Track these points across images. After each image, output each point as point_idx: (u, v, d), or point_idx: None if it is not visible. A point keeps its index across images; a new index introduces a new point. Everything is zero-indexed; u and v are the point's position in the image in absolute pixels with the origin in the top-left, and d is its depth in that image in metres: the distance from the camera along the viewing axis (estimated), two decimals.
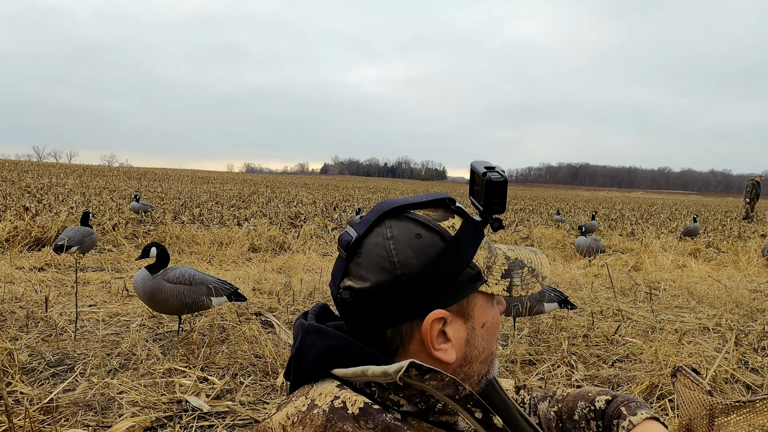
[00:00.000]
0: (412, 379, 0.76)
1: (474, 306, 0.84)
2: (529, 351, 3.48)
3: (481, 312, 0.86)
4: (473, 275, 0.83)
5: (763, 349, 3.65)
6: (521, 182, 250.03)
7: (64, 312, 3.91)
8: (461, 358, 0.84)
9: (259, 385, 2.84)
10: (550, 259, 8.15)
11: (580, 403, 1.08)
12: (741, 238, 11.96)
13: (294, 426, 0.75)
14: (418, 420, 0.79)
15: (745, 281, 6.33)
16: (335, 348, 0.82)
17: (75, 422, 2.31)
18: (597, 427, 1.03)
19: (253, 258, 7.04)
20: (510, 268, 0.89)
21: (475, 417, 0.78)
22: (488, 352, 0.90)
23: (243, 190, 24.09)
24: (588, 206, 26.06)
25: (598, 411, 1.05)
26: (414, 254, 0.80)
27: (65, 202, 11.60)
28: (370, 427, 0.73)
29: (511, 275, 0.88)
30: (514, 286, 0.87)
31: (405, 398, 0.78)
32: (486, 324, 0.87)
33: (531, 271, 0.89)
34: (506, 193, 0.89)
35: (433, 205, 0.87)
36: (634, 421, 0.98)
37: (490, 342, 0.90)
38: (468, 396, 0.78)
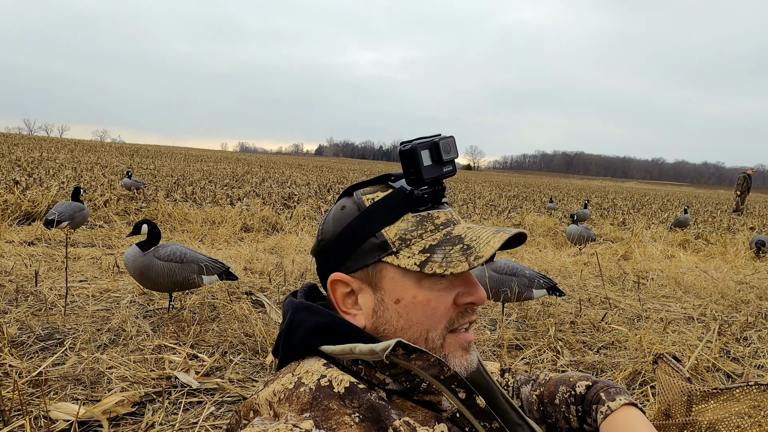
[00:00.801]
0: (398, 358, 0.77)
1: (383, 277, 0.85)
2: (516, 336, 3.53)
3: (393, 285, 0.84)
4: (377, 245, 0.84)
5: (746, 339, 3.72)
6: (516, 169, 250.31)
7: (54, 287, 3.90)
8: (371, 328, 0.86)
9: (249, 364, 2.86)
10: (540, 246, 8.21)
11: (562, 387, 1.09)
12: (730, 231, 12.09)
13: (280, 403, 0.76)
14: (402, 399, 0.80)
15: (732, 273, 6.42)
16: (325, 325, 0.83)
17: (64, 396, 2.32)
18: (576, 411, 1.05)
19: (245, 238, 7.04)
20: (438, 244, 0.83)
21: (459, 397, 0.80)
22: (414, 333, 0.84)
23: (237, 169, 23.95)
24: (581, 195, 26.17)
25: (578, 396, 1.06)
26: (333, 223, 0.88)
27: (56, 177, 11.49)
28: (355, 406, 0.74)
29: (434, 251, 0.82)
30: (430, 263, 0.81)
31: (391, 377, 0.79)
32: (402, 300, 0.83)
33: (465, 249, 0.81)
34: (418, 162, 0.84)
35: (374, 182, 0.91)
36: (613, 406, 0.99)
37: (411, 321, 0.84)
38: (452, 376, 0.79)
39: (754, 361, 3.27)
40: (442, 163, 0.87)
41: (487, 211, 12.82)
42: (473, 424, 0.80)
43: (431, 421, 0.78)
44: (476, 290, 0.86)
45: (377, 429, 0.73)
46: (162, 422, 2.19)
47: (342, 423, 0.72)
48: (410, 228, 0.85)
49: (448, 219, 0.87)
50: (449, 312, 0.84)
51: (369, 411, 0.74)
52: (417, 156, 0.85)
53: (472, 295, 0.85)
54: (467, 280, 0.86)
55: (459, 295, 0.85)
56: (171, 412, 2.29)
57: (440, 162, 0.87)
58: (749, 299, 4.95)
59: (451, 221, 0.88)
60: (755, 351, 3.46)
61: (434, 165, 0.86)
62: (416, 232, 0.84)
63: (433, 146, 0.87)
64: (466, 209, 12.84)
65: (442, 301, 0.84)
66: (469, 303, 0.85)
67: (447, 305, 0.84)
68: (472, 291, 0.85)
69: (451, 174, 0.90)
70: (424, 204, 0.86)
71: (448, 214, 0.89)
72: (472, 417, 0.80)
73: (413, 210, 0.86)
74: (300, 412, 0.74)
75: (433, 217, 0.86)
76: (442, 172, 0.87)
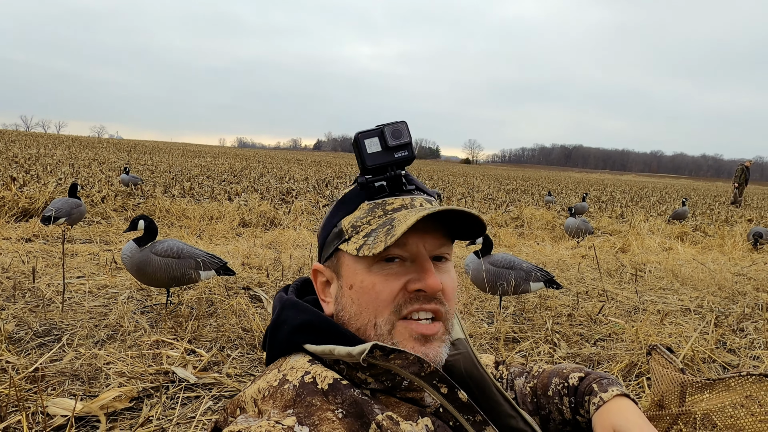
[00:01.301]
0: (376, 359, 0.77)
1: (341, 265, 0.88)
2: (513, 329, 3.54)
3: (347, 272, 0.86)
4: (336, 234, 0.88)
5: (742, 330, 3.74)
6: (514, 163, 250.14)
7: (51, 283, 3.90)
8: (334, 315, 0.89)
9: (246, 358, 2.87)
10: (538, 239, 8.22)
11: (555, 379, 1.10)
12: (728, 223, 12.11)
13: (264, 400, 0.77)
14: (386, 396, 0.80)
15: (729, 265, 6.44)
16: (309, 323, 0.84)
17: (62, 391, 2.33)
18: (570, 403, 1.05)
19: (243, 233, 7.03)
20: (378, 228, 0.84)
21: (441, 392, 0.80)
22: (364, 320, 0.84)
23: (235, 164, 23.90)
24: (580, 188, 26.17)
25: (571, 387, 1.06)
26: (324, 218, 0.94)
27: (53, 173, 11.46)
28: (338, 402, 0.74)
29: (371, 235, 0.83)
30: (364, 246, 0.82)
31: (372, 376, 0.80)
32: (354, 286, 0.85)
33: (389, 230, 0.81)
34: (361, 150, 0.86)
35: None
36: (605, 397, 0.99)
37: (361, 307, 0.84)
38: (433, 372, 0.79)
39: (750, 352, 3.29)
40: (391, 149, 0.87)
41: (486, 204, 12.83)
42: (457, 418, 0.80)
43: (415, 415, 0.78)
44: (426, 277, 0.83)
45: (360, 424, 0.73)
46: (160, 417, 2.20)
47: (325, 419, 0.72)
48: (362, 215, 0.86)
49: (401, 204, 0.86)
50: (397, 297, 0.83)
51: (352, 406, 0.74)
52: (359, 144, 0.86)
53: (421, 281, 0.83)
54: (420, 267, 0.84)
55: (410, 281, 0.84)
56: (169, 407, 2.30)
57: (388, 148, 0.87)
58: (746, 291, 4.96)
59: (405, 206, 0.86)
60: (751, 342, 3.48)
61: (382, 152, 0.86)
62: (365, 219, 0.85)
63: (379, 133, 0.87)
64: (464, 203, 12.84)
65: (388, 285, 0.83)
66: (418, 290, 0.84)
67: (393, 290, 0.83)
68: (422, 278, 0.83)
69: (405, 159, 0.88)
70: (382, 192, 0.87)
71: (407, 200, 0.87)
72: (455, 411, 0.80)
73: (369, 198, 0.87)
74: (283, 408, 0.74)
75: (386, 203, 0.86)
76: (392, 158, 0.87)
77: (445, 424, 0.79)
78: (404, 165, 0.89)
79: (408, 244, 0.84)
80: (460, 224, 0.88)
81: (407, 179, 0.90)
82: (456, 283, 0.91)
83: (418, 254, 0.84)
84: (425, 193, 0.93)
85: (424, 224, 0.84)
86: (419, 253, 0.84)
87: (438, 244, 0.87)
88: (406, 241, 0.83)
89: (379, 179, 0.87)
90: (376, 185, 0.87)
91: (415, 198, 0.89)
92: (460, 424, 0.80)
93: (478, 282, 3.85)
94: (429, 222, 0.85)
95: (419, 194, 0.91)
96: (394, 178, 0.88)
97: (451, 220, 0.87)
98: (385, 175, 0.87)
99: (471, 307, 4.04)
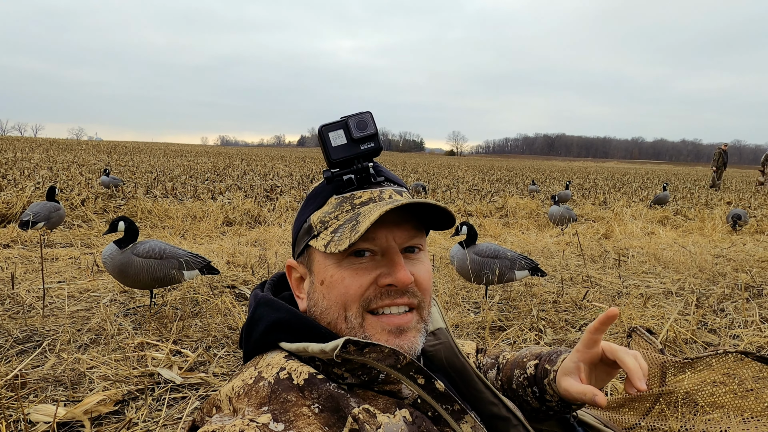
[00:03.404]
0: (351, 354, 0.76)
1: (312, 261, 0.87)
2: (499, 317, 3.56)
3: (318, 268, 0.85)
4: (305, 230, 0.88)
5: (722, 310, 3.81)
6: (498, 153, 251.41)
7: (31, 289, 3.83)
8: (307, 310, 0.89)
9: (233, 357, 2.85)
10: (523, 228, 8.29)
11: (516, 371, 1.10)
12: (708, 206, 12.32)
13: (239, 398, 0.76)
14: (363, 390, 0.80)
15: (709, 247, 6.55)
16: (283, 321, 0.83)
17: (45, 398, 2.29)
18: (533, 393, 1.05)
19: (227, 231, 6.97)
20: (345, 223, 0.83)
21: (418, 383, 0.80)
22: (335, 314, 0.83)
23: (218, 163, 23.66)
24: (563, 176, 26.41)
25: (530, 377, 1.06)
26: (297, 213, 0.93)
27: (31, 177, 11.23)
28: (314, 397, 0.74)
29: (338, 230, 0.82)
30: (332, 242, 0.81)
31: (348, 371, 0.79)
32: (324, 282, 0.84)
33: (354, 225, 0.80)
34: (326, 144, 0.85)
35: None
36: (556, 367, 1.01)
37: (331, 301, 0.83)
38: (409, 364, 0.79)
39: (730, 331, 3.35)
40: (356, 141, 0.86)
41: (471, 195, 12.88)
42: (435, 408, 0.80)
43: (392, 407, 0.77)
44: (396, 271, 0.82)
45: (337, 418, 0.73)
46: (146, 419, 2.17)
47: (300, 414, 0.72)
48: (330, 210, 0.85)
49: (370, 197, 0.85)
50: (366, 291, 0.82)
51: (328, 401, 0.74)
52: (323, 138, 0.85)
53: (391, 275, 0.82)
54: (391, 261, 0.83)
55: (381, 275, 0.83)
56: (155, 409, 2.27)
57: (354, 140, 0.85)
58: (726, 272, 5.06)
59: (373, 199, 0.85)
60: (731, 322, 3.55)
61: (347, 144, 0.85)
62: (333, 214, 0.84)
63: (344, 125, 0.86)
64: (449, 194, 12.88)
65: (357, 280, 0.82)
66: (389, 284, 0.83)
67: (362, 284, 0.82)
68: (392, 272, 0.82)
69: (372, 150, 0.87)
70: (350, 185, 0.86)
71: (374, 192, 0.86)
72: (432, 401, 0.80)
73: (337, 192, 0.86)
74: (258, 406, 0.73)
75: (354, 197, 0.85)
76: (358, 150, 0.86)
77: (424, 414, 0.79)
78: (371, 156, 0.87)
79: (377, 238, 0.82)
80: (430, 215, 0.87)
81: (376, 170, 0.89)
82: (431, 272, 0.90)
83: (388, 248, 0.83)
84: (396, 184, 0.91)
85: (394, 217, 0.83)
86: (389, 246, 0.83)
87: (408, 236, 0.86)
88: (375, 235, 0.82)
89: (346, 172, 0.86)
90: (344, 178, 0.85)
91: (384, 190, 0.87)
92: (438, 414, 0.80)
93: (463, 272, 3.87)
94: (398, 214, 0.83)
95: (389, 185, 0.89)
96: (361, 170, 0.86)
97: (420, 211, 0.86)
98: (351, 168, 0.86)
99: (457, 297, 4.06)
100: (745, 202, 13.74)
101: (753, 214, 10.56)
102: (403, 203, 0.78)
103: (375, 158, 0.90)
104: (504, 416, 0.96)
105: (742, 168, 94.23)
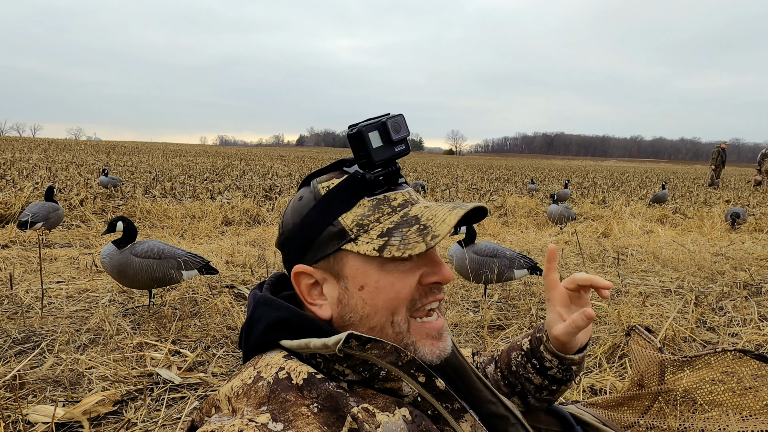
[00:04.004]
0: (353, 349, 0.76)
1: (344, 265, 0.83)
2: (498, 316, 3.56)
3: (355, 273, 0.83)
4: (335, 233, 0.83)
5: (721, 309, 3.82)
6: (497, 152, 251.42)
7: (30, 289, 3.83)
8: (338, 317, 0.85)
9: (232, 357, 2.85)
10: (522, 227, 8.29)
11: (513, 353, 1.13)
12: (706, 204, 12.34)
13: (238, 398, 0.76)
14: (363, 388, 0.80)
15: (708, 245, 6.56)
16: (283, 320, 0.83)
17: (43, 398, 2.29)
18: (533, 367, 1.08)
19: (226, 231, 6.97)
20: (396, 227, 0.82)
21: (419, 381, 0.80)
22: (380, 319, 0.83)
23: (216, 162, 23.64)
24: (562, 175, 26.42)
25: (527, 352, 1.09)
26: (292, 215, 0.87)
27: (30, 178, 11.21)
28: (313, 397, 0.74)
29: (392, 234, 0.81)
30: (389, 246, 0.80)
31: (349, 368, 0.79)
32: (366, 287, 0.82)
33: (422, 229, 0.80)
34: (367, 145, 0.83)
35: (330, 170, 0.90)
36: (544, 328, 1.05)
37: (376, 307, 0.83)
38: (411, 362, 0.79)
39: (729, 330, 3.36)
40: (393, 143, 0.85)
41: (470, 194, 12.88)
42: (435, 406, 0.80)
43: (392, 406, 0.77)
44: (441, 269, 0.84)
45: (336, 417, 0.73)
46: (144, 419, 2.17)
47: (299, 414, 0.71)
48: (367, 213, 0.83)
49: (405, 200, 0.86)
50: (413, 292, 0.84)
51: (327, 400, 0.74)
52: (365, 138, 0.83)
53: (437, 274, 0.84)
54: (432, 260, 0.85)
55: (424, 275, 0.84)
56: (154, 409, 2.27)
57: (390, 142, 0.85)
58: (725, 270, 5.07)
59: (409, 201, 0.86)
60: (730, 320, 3.55)
61: (384, 146, 0.85)
62: (373, 216, 0.83)
63: (381, 126, 0.85)
64: (448, 193, 12.88)
65: (407, 283, 0.83)
66: (434, 282, 0.85)
67: (412, 286, 0.83)
68: (437, 270, 0.84)
69: (404, 153, 0.88)
70: (379, 187, 0.85)
71: (405, 194, 0.87)
72: (433, 399, 0.80)
73: (369, 194, 0.84)
74: (257, 406, 0.73)
75: (389, 199, 0.85)
76: (393, 152, 0.86)
77: (423, 413, 0.79)
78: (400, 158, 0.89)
79: None
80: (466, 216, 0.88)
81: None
82: None
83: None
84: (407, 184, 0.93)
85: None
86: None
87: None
88: None
89: (380, 174, 0.85)
90: (368, 179, 0.84)
91: (409, 191, 0.89)
92: (438, 413, 0.80)
93: (462, 271, 3.87)
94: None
95: (406, 186, 0.91)
96: (394, 172, 0.86)
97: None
98: (386, 170, 0.85)
99: (456, 296, 4.06)
100: (744, 200, 13.75)
101: (752, 213, 10.57)
102: (471, 208, 0.81)
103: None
104: (502, 415, 0.97)
105: (741, 166, 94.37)
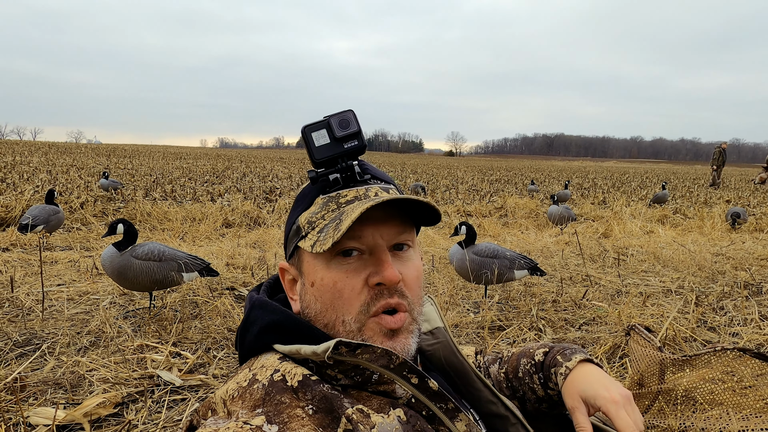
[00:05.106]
0: (343, 355, 0.76)
1: (303, 262, 0.87)
2: (499, 317, 3.56)
3: (308, 269, 0.85)
4: (295, 231, 0.88)
5: (722, 308, 3.81)
6: (497, 153, 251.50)
7: (31, 292, 3.83)
8: (301, 312, 0.89)
9: (233, 359, 2.85)
10: (522, 228, 8.29)
11: (523, 360, 1.12)
12: (707, 204, 12.33)
13: (233, 401, 0.76)
14: (357, 390, 0.80)
15: (709, 245, 6.56)
16: (277, 323, 0.83)
17: (44, 400, 2.29)
18: (539, 379, 1.07)
19: (226, 233, 6.97)
20: (329, 223, 0.82)
21: (412, 383, 0.80)
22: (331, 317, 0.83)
23: (217, 165, 23.66)
24: (562, 176, 26.42)
25: (537, 364, 1.08)
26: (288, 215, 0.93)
27: (30, 181, 11.23)
28: (308, 398, 0.74)
29: (324, 230, 0.81)
30: (317, 242, 0.81)
31: (341, 373, 0.79)
32: (315, 283, 0.83)
33: (338, 224, 0.79)
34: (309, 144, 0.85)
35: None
36: (570, 365, 1.01)
37: (325, 304, 0.83)
38: (402, 364, 0.79)
39: (729, 329, 3.36)
40: (339, 140, 0.85)
41: (470, 195, 12.89)
42: (429, 407, 0.80)
43: (386, 407, 0.77)
44: (384, 270, 0.81)
45: (331, 419, 0.73)
46: (145, 421, 2.17)
47: (294, 416, 0.72)
48: (317, 210, 0.85)
49: (355, 196, 0.84)
50: (362, 294, 0.81)
51: (322, 402, 0.74)
52: (306, 138, 0.85)
53: (379, 274, 0.81)
54: (378, 260, 0.82)
55: (370, 275, 0.82)
56: (154, 411, 2.27)
57: (337, 139, 0.85)
58: (725, 270, 5.06)
59: (359, 197, 0.84)
60: (731, 320, 3.55)
61: (331, 144, 0.85)
62: (320, 214, 0.84)
63: (326, 125, 0.86)
64: (449, 195, 12.88)
65: (348, 283, 0.81)
66: (377, 284, 0.82)
67: (355, 287, 0.81)
68: (380, 270, 0.81)
69: (356, 149, 0.86)
70: (336, 185, 0.85)
71: (360, 190, 0.85)
72: (427, 400, 0.80)
73: (323, 192, 0.86)
74: (252, 408, 0.73)
75: (340, 196, 0.85)
76: (342, 149, 0.86)
77: (418, 413, 0.79)
78: (356, 155, 0.87)
79: (364, 236, 0.81)
80: (417, 211, 0.86)
81: (362, 168, 0.88)
82: (421, 270, 0.89)
83: (375, 246, 0.82)
84: (382, 181, 0.91)
85: (380, 214, 0.82)
86: (376, 244, 0.82)
87: (396, 232, 0.84)
88: (362, 233, 0.81)
89: (332, 172, 0.85)
90: (331, 178, 0.85)
91: (370, 188, 0.86)
92: (433, 413, 0.80)
93: (462, 272, 3.87)
94: (384, 211, 0.83)
95: (375, 183, 0.88)
96: (346, 168, 0.86)
97: (407, 207, 0.85)
98: (336, 167, 0.86)
99: (456, 297, 4.06)
100: (744, 200, 13.75)
101: (752, 212, 10.57)
102: (384, 200, 0.77)
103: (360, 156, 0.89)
104: (502, 414, 0.97)
105: (741, 166, 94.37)
